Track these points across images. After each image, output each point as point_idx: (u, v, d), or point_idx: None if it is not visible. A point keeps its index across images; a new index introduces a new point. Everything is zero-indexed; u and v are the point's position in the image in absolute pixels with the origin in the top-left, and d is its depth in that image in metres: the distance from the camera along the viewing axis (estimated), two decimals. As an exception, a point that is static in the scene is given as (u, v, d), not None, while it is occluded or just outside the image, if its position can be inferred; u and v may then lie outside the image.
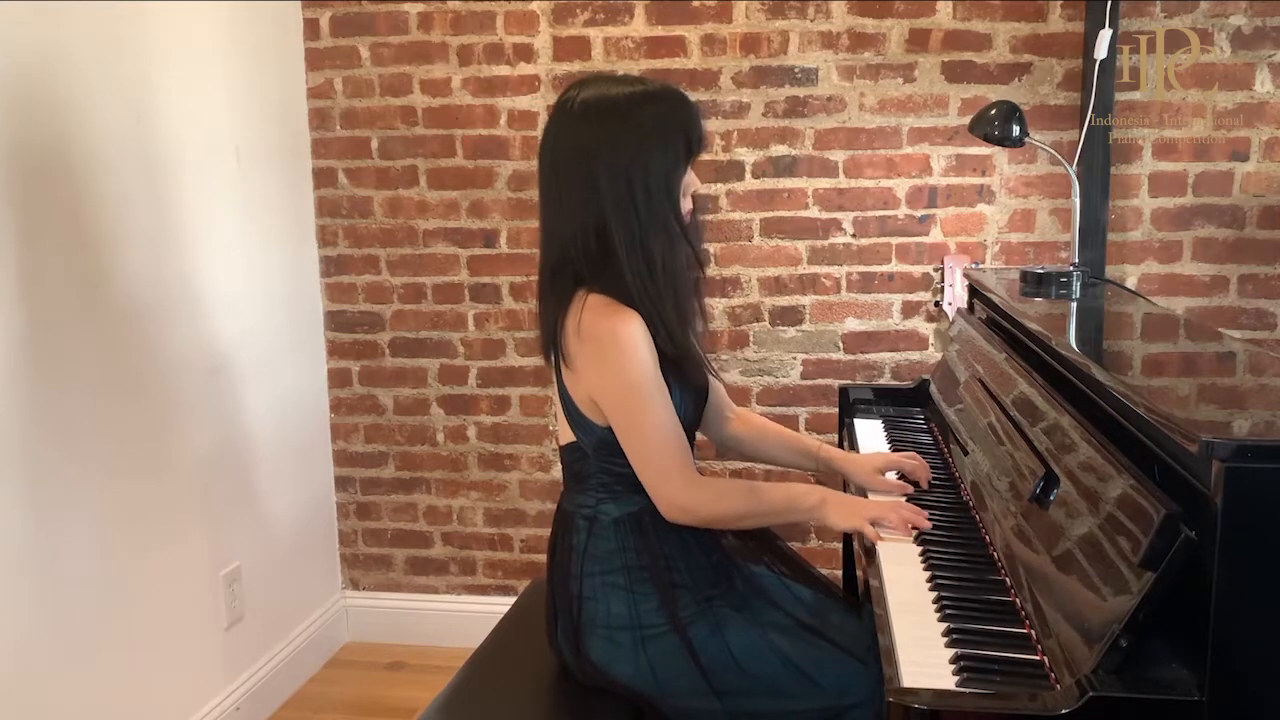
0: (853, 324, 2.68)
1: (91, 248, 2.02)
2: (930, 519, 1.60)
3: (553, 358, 1.57)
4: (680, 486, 1.53)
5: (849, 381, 2.63)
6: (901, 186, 2.61)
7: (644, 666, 1.55)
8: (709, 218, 2.64)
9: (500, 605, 2.14)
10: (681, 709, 1.55)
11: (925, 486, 1.75)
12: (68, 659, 1.95)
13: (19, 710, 1.84)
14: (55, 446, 1.93)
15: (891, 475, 1.77)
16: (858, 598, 2.03)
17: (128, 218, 2.12)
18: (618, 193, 1.49)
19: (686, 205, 1.58)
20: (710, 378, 1.72)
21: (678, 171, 1.54)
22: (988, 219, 2.60)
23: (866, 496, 1.72)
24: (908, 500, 1.68)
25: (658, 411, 1.51)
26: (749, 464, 2.69)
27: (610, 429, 1.55)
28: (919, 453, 1.99)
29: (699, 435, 1.76)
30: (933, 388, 2.20)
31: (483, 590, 2.97)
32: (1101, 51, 2.38)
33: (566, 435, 1.62)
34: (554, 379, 1.61)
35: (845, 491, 1.91)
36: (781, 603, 1.63)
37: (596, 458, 1.59)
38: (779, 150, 2.64)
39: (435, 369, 2.89)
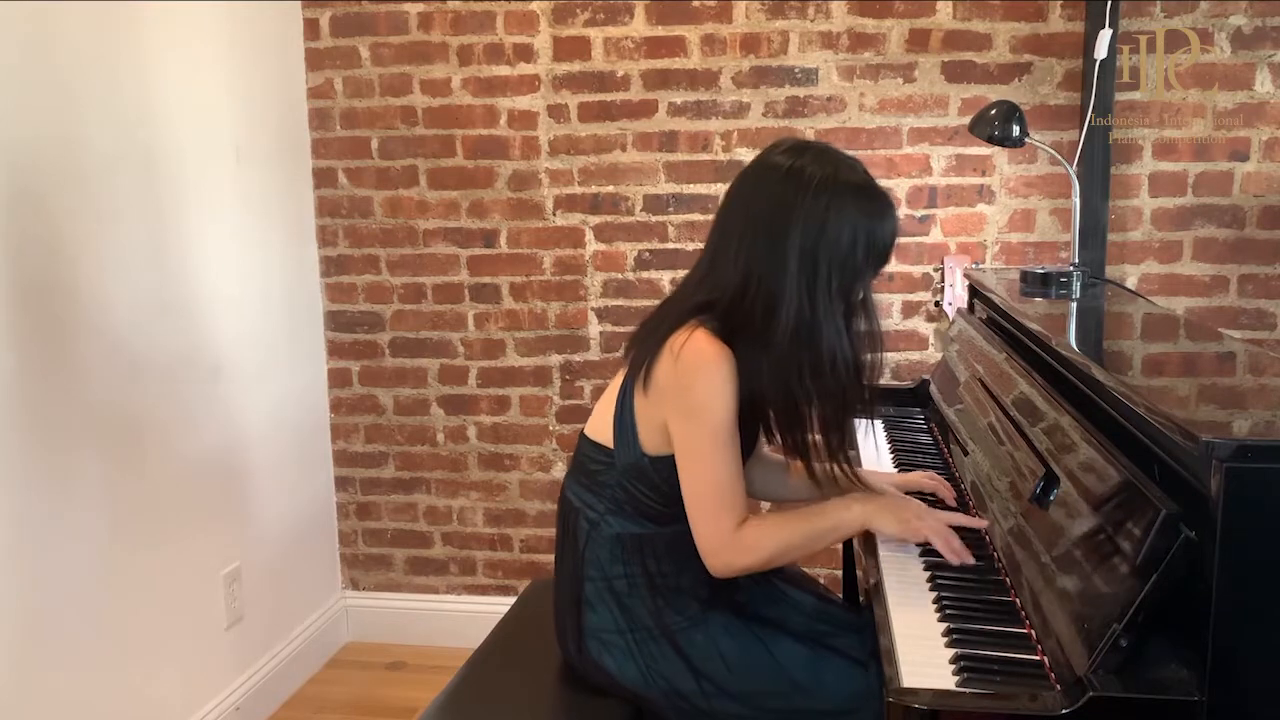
0: (853, 324, 2.67)
1: (92, 248, 2.02)
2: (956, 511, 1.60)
3: (640, 371, 1.51)
4: (728, 539, 1.48)
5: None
6: (901, 186, 2.61)
7: (643, 669, 1.55)
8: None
9: (500, 605, 2.14)
10: (681, 710, 1.55)
11: (951, 504, 1.70)
12: (68, 659, 1.95)
13: (20, 710, 1.84)
14: (55, 446, 1.93)
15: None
16: (858, 601, 2.03)
17: (128, 218, 2.12)
18: (803, 268, 1.44)
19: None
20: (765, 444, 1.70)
21: (864, 275, 1.49)
22: (988, 219, 2.60)
23: None
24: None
25: (728, 456, 1.47)
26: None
27: (652, 460, 1.52)
28: (918, 453, 2.00)
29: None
30: (933, 388, 2.20)
31: (483, 590, 2.97)
32: (1101, 51, 2.38)
33: (600, 432, 1.58)
34: (620, 383, 1.56)
35: None
36: (780, 609, 1.62)
37: (622, 475, 1.56)
38: (779, 150, 2.64)
39: (435, 369, 2.89)
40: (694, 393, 1.45)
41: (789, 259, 1.44)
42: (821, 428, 1.53)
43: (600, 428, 1.59)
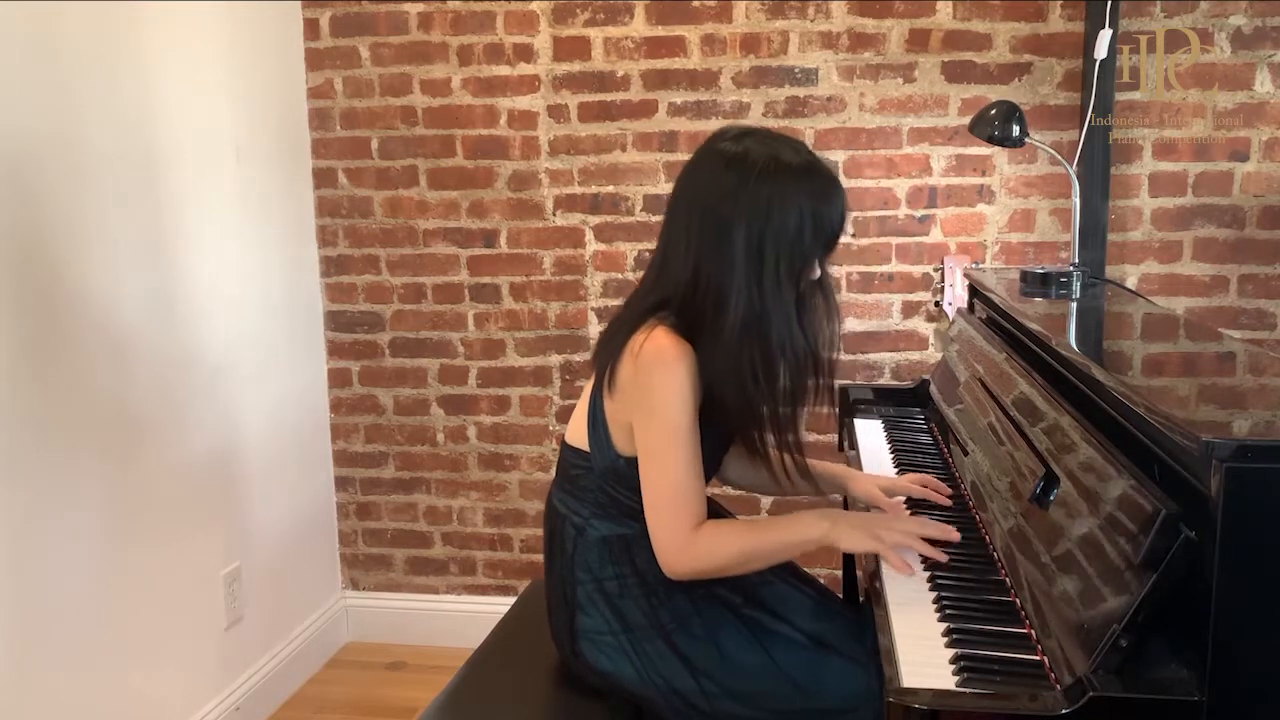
0: (853, 324, 2.68)
1: (92, 247, 2.02)
2: (929, 518, 1.60)
3: (605, 374, 1.51)
4: (682, 541, 1.47)
5: (849, 381, 2.63)
6: (901, 186, 2.61)
7: (639, 669, 1.54)
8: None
9: (500, 605, 2.14)
10: (679, 710, 1.55)
11: (945, 504, 1.68)
12: (68, 659, 1.95)
13: (20, 710, 1.84)
14: (54, 446, 1.93)
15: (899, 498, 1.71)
16: (858, 601, 2.03)
17: (128, 217, 2.12)
18: (750, 260, 1.43)
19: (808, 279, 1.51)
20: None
21: (813, 258, 1.48)
22: (988, 219, 2.60)
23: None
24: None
25: (686, 456, 1.46)
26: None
27: (627, 460, 1.52)
28: (918, 453, 2.00)
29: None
30: (933, 388, 2.20)
31: (483, 590, 2.97)
32: (1101, 51, 2.38)
33: (578, 437, 1.58)
34: (591, 387, 1.56)
35: (845, 507, 1.90)
36: (779, 609, 1.61)
37: (601, 478, 1.56)
38: (779, 150, 2.63)
39: (435, 369, 2.89)
40: (652, 391, 1.45)
41: (736, 252, 1.43)
42: (773, 420, 1.52)
43: (577, 433, 1.59)
